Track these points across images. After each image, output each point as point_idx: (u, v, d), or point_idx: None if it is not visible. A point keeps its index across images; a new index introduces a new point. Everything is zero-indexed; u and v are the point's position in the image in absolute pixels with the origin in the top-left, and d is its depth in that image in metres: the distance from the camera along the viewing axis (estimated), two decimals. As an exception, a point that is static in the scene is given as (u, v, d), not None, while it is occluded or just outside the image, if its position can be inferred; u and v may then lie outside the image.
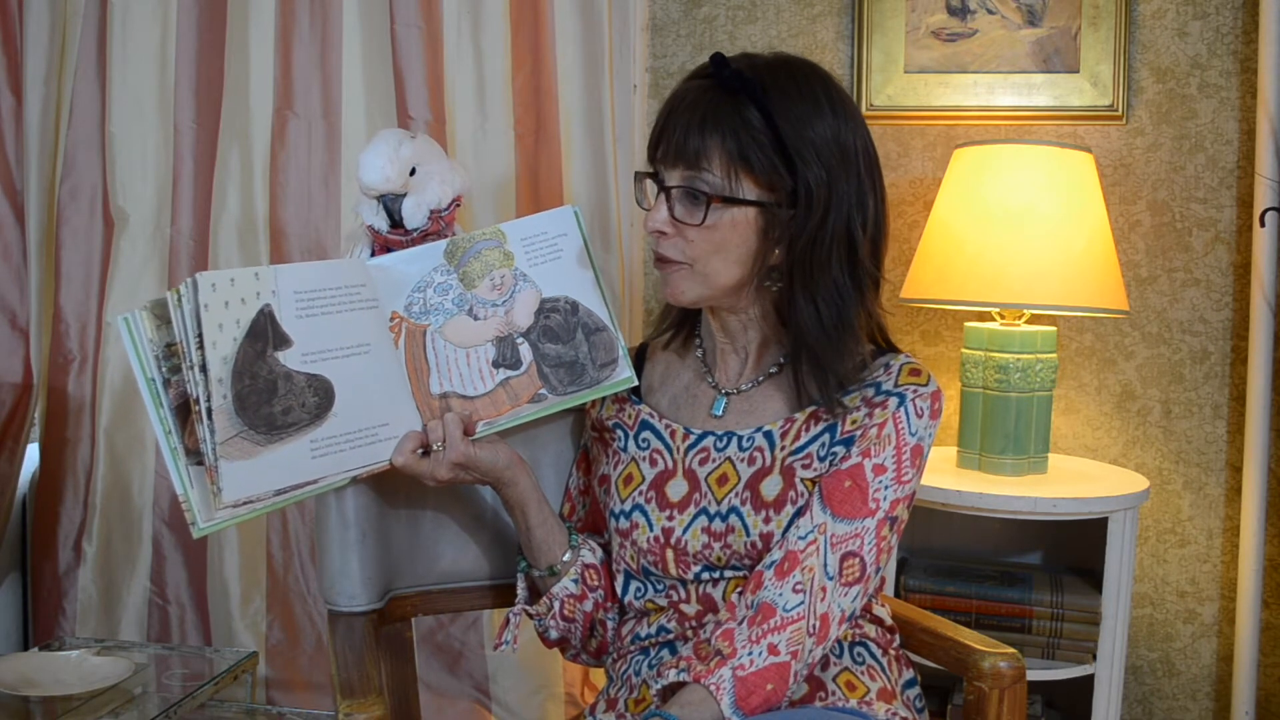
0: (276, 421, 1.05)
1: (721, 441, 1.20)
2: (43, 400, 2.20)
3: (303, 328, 1.08)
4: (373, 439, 1.13)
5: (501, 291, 1.21)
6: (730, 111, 1.10)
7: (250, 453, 1.03)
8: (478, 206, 2.07)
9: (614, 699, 1.23)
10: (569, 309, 1.23)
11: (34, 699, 1.79)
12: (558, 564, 1.25)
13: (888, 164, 2.14)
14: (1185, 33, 2.03)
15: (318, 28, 2.08)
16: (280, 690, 2.17)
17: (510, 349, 1.21)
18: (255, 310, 1.04)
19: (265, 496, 1.05)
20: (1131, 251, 2.06)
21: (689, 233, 1.13)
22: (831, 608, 1.11)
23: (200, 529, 1.04)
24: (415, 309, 1.18)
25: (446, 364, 1.19)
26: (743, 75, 1.11)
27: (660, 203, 1.14)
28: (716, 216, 1.12)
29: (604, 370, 1.24)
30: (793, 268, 1.13)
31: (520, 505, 1.22)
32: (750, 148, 1.10)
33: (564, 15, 2.04)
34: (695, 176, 1.12)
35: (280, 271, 1.07)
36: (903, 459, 1.15)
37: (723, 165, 1.10)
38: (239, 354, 1.03)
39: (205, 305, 1.01)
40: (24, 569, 2.27)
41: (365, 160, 1.28)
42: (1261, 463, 1.98)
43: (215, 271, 1.02)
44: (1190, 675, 2.10)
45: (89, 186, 2.17)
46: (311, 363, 1.08)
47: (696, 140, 1.11)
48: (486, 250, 1.22)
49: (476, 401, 1.19)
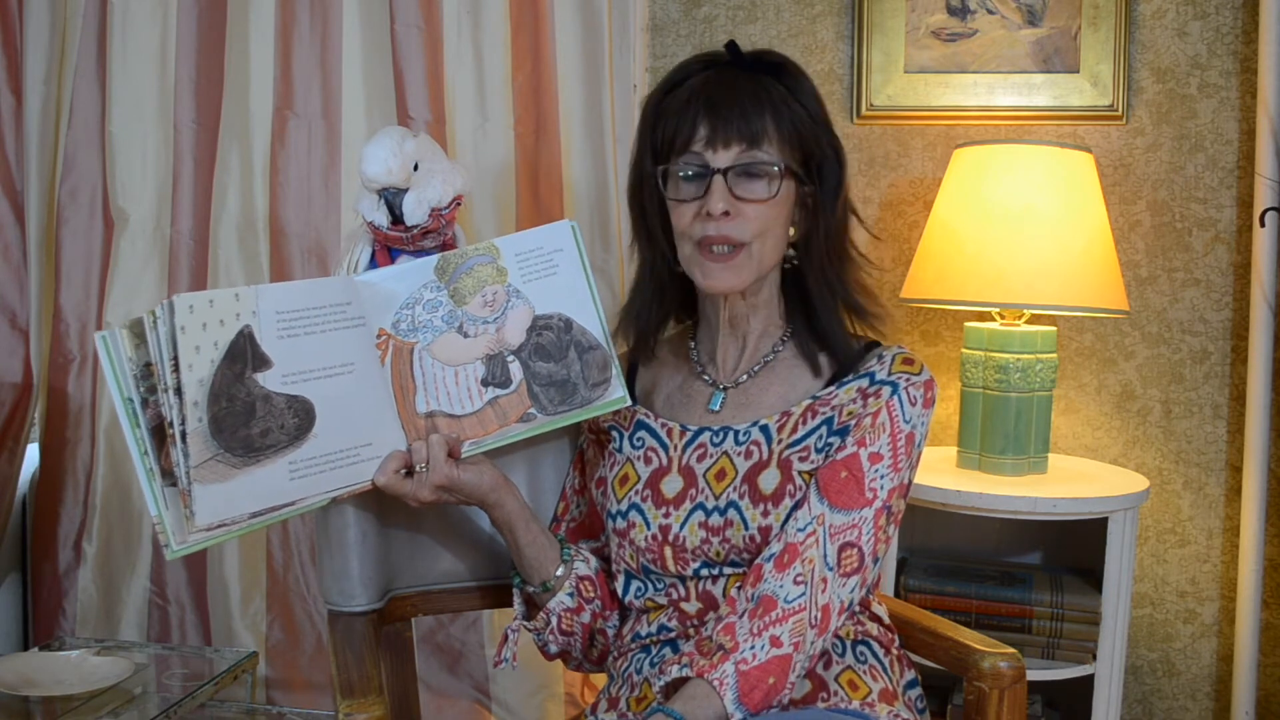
0: (254, 444, 1.04)
1: (718, 437, 1.21)
2: (43, 400, 2.20)
3: (283, 348, 1.06)
4: (354, 459, 1.12)
5: (493, 308, 1.20)
6: (767, 91, 1.16)
7: (225, 475, 1.02)
8: (477, 206, 2.07)
9: (615, 698, 1.23)
10: (562, 326, 1.22)
11: (34, 699, 1.79)
12: (551, 579, 1.24)
13: (888, 164, 2.14)
14: (1185, 33, 2.03)
15: (318, 28, 2.08)
16: (280, 690, 2.17)
17: (500, 367, 1.20)
18: (234, 332, 1.03)
19: (241, 519, 1.04)
20: (1131, 251, 2.06)
21: (749, 211, 1.15)
22: (832, 599, 1.11)
23: (174, 551, 1.03)
24: (403, 326, 1.17)
25: (434, 382, 1.18)
26: (760, 57, 1.18)
27: (717, 185, 1.15)
28: (783, 189, 1.16)
29: (596, 390, 1.23)
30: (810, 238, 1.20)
31: (508, 526, 1.22)
32: (790, 122, 1.16)
33: (564, 15, 2.04)
34: (754, 154, 1.15)
35: (261, 292, 1.06)
36: (898, 446, 1.15)
37: (777, 139, 1.15)
38: (216, 376, 1.01)
39: (181, 327, 0.99)
40: (24, 569, 2.26)
41: (368, 153, 1.27)
42: (1261, 463, 1.98)
43: (193, 293, 1.01)
44: (1190, 675, 2.10)
45: (89, 186, 2.17)
46: (292, 384, 1.07)
47: (756, 118, 1.14)
48: (479, 266, 1.20)
49: (464, 420, 1.18)
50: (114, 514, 2.19)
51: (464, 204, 1.38)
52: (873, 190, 2.15)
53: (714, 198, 1.14)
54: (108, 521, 2.19)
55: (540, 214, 2.07)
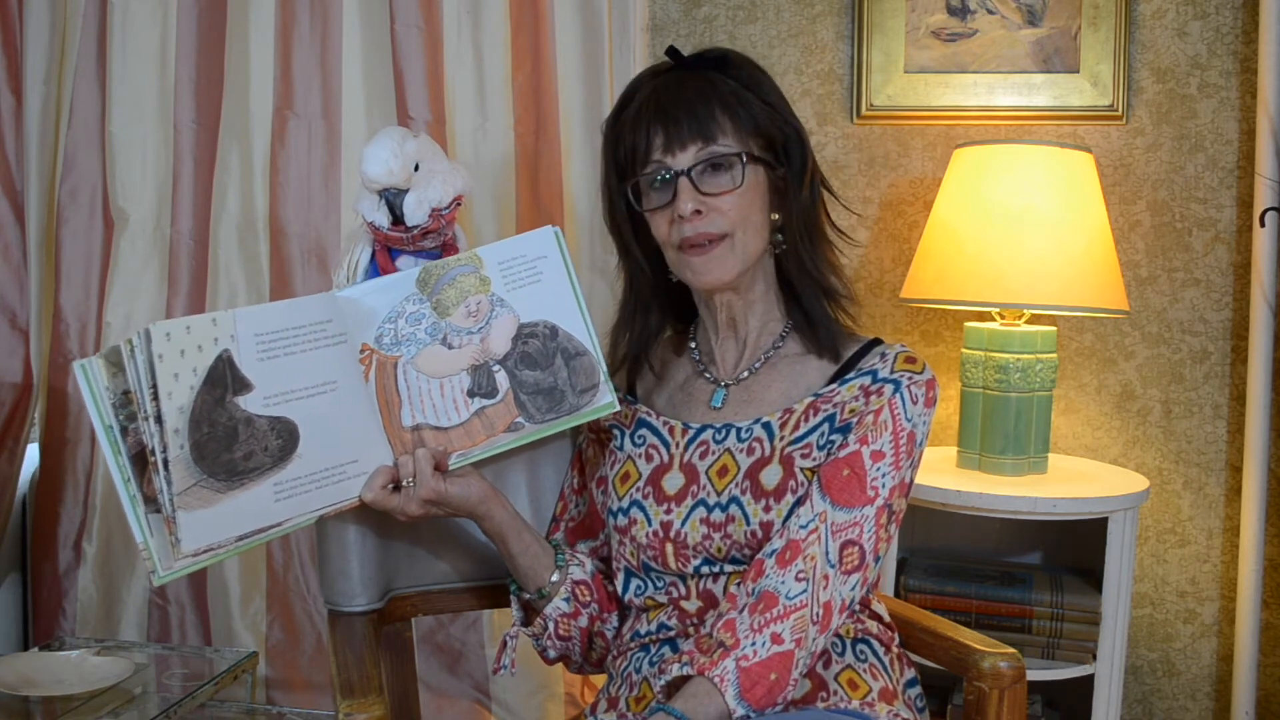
0: (237, 468, 1.03)
1: (720, 434, 1.21)
2: (43, 400, 2.20)
3: (264, 370, 1.06)
4: (341, 477, 1.12)
5: (477, 318, 1.19)
6: (712, 85, 1.17)
7: (210, 501, 1.02)
8: (477, 206, 2.07)
9: (615, 697, 1.23)
10: (548, 334, 1.21)
11: (34, 699, 1.79)
12: (546, 586, 1.25)
13: (888, 164, 2.14)
14: (1185, 33, 2.03)
15: (318, 28, 2.08)
16: (280, 690, 2.17)
17: (486, 377, 1.19)
18: (213, 357, 1.02)
19: (227, 543, 1.04)
20: (1131, 251, 2.06)
21: (722, 203, 1.16)
22: (834, 596, 1.11)
23: (160, 577, 1.02)
24: (386, 340, 1.16)
25: (419, 395, 1.17)
26: (703, 56, 1.20)
27: (683, 187, 1.16)
28: (749, 176, 1.17)
29: (584, 396, 1.22)
30: (788, 218, 1.20)
31: (499, 536, 1.23)
32: (744, 110, 1.17)
33: (564, 15, 2.04)
34: (713, 148, 1.16)
35: (240, 315, 1.05)
36: (900, 444, 1.15)
37: (733, 130, 1.16)
38: (196, 403, 1.01)
39: (159, 355, 0.98)
40: (24, 569, 2.26)
41: (369, 153, 1.27)
42: (1261, 463, 1.98)
43: (170, 321, 1.00)
44: (1190, 675, 2.10)
45: (89, 186, 2.17)
46: (274, 405, 1.06)
47: (703, 114, 1.15)
48: (462, 276, 1.19)
49: (450, 433, 1.18)
50: (114, 514, 2.19)
51: (464, 204, 1.38)
52: (873, 190, 2.15)
53: (681, 200, 1.16)
54: (108, 521, 2.19)
55: (540, 214, 2.07)
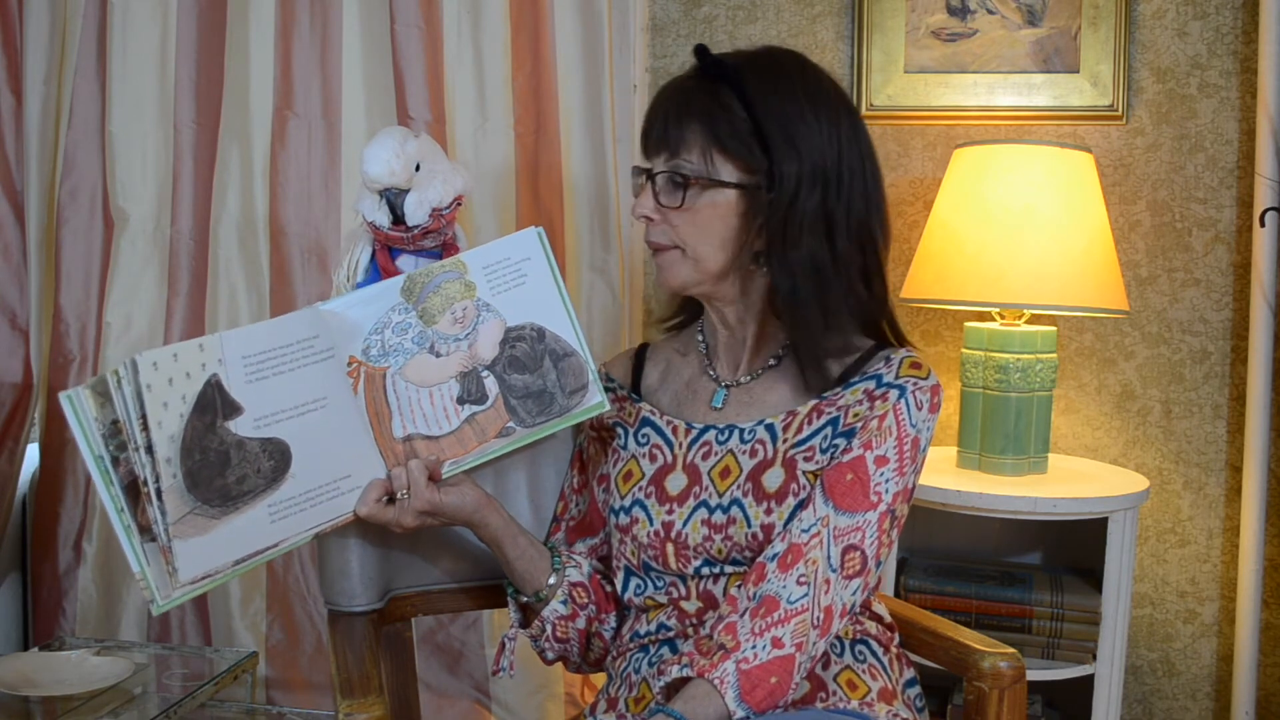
0: (231, 492, 1.03)
1: (723, 435, 1.21)
2: (43, 400, 2.20)
3: (253, 393, 1.05)
4: (335, 493, 1.12)
5: (464, 325, 1.19)
6: (708, 99, 1.15)
7: (205, 528, 1.01)
8: (477, 206, 2.07)
9: (614, 698, 1.23)
10: (535, 336, 1.21)
11: (34, 699, 1.79)
12: (543, 589, 1.25)
13: (887, 164, 2.14)
14: (1185, 33, 2.03)
15: (318, 28, 2.08)
16: (280, 690, 2.17)
17: (475, 384, 1.19)
18: (201, 383, 1.02)
19: (224, 568, 1.04)
20: (1131, 251, 2.06)
21: (672, 217, 1.17)
22: (835, 601, 1.11)
23: (159, 606, 1.02)
24: (373, 352, 1.16)
25: (409, 405, 1.17)
26: (721, 63, 1.16)
27: (646, 190, 1.18)
28: (694, 199, 1.15)
29: (574, 397, 1.22)
30: (770, 245, 1.15)
31: (495, 542, 1.23)
32: (725, 132, 1.14)
33: (564, 15, 2.04)
34: (675, 162, 1.15)
35: (226, 339, 1.05)
36: (904, 451, 1.15)
37: (700, 150, 1.15)
38: (187, 430, 1.00)
39: (147, 385, 0.98)
40: (24, 569, 2.26)
41: (370, 153, 1.27)
42: (1261, 463, 1.98)
43: (156, 350, 1.00)
44: (1190, 675, 2.10)
45: (89, 186, 2.17)
46: (265, 427, 1.06)
47: (675, 128, 1.15)
48: (447, 283, 1.19)
49: (442, 441, 1.18)
50: (114, 514, 2.19)
51: (464, 204, 1.39)
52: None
53: (639, 201, 1.18)
54: (107, 522, 2.18)
55: (540, 214, 2.07)
